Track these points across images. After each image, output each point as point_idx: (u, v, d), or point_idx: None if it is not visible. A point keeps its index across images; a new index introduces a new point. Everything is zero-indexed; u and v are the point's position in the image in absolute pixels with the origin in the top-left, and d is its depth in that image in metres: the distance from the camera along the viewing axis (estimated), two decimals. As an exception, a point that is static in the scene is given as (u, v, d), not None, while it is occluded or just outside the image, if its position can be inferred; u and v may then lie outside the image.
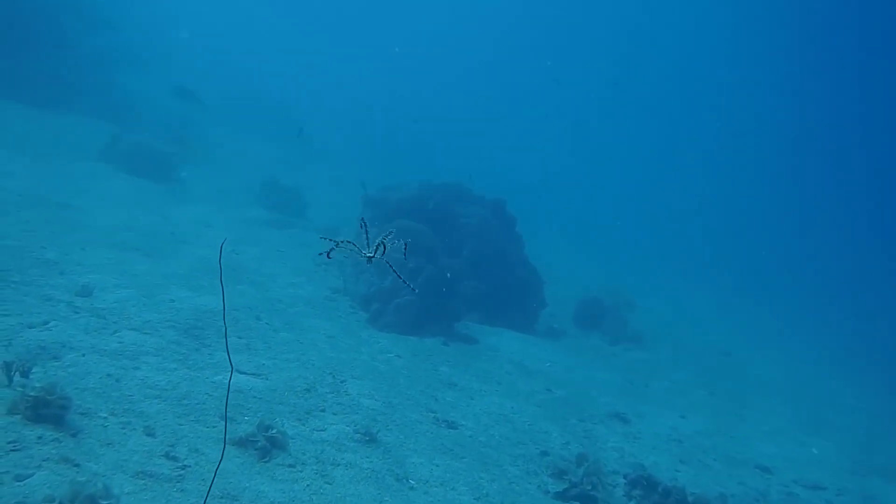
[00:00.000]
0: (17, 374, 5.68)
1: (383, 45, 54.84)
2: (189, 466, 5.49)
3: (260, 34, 42.99)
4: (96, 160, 15.85)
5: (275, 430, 6.31)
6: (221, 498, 5.31)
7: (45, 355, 6.38)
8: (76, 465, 4.94)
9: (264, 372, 7.88)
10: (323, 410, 7.45)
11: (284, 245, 14.57)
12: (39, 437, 5.06)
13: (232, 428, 6.35)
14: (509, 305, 14.40)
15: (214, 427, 6.21)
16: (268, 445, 6.18)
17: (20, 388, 5.40)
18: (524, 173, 35.87)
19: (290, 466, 6.13)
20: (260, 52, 38.02)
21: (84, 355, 6.62)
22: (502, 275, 14.46)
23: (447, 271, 12.40)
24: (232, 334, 8.64)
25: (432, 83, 54.07)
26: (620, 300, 18.06)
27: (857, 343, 25.05)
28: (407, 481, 6.68)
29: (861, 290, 34.96)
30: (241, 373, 7.67)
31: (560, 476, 7.79)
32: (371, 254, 3.19)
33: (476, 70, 61.76)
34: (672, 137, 57.12)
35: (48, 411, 5.24)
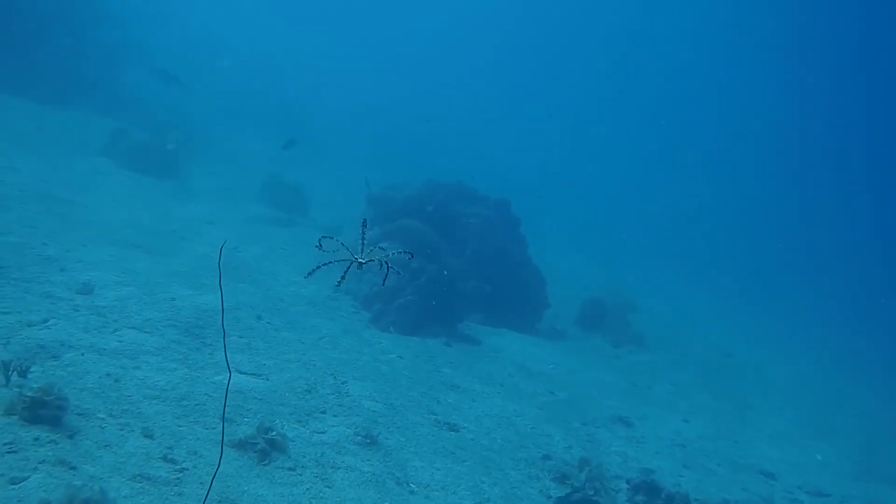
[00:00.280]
0: (15, 373, 5.61)
1: (384, 45, 54.86)
2: (187, 469, 5.43)
3: (264, 32, 42.89)
4: (99, 156, 15.78)
5: (274, 433, 6.24)
6: (220, 502, 5.24)
7: (44, 354, 6.32)
8: (73, 468, 4.87)
9: (265, 372, 7.81)
10: (324, 412, 7.39)
11: (287, 243, 14.50)
12: (36, 439, 5.00)
13: (232, 429, 6.28)
14: (512, 306, 14.32)
15: (214, 428, 6.14)
16: (267, 448, 6.11)
17: (17, 389, 5.33)
18: (525, 173, 35.76)
19: (290, 469, 6.07)
20: (264, 49, 37.90)
21: (83, 354, 6.56)
22: (505, 275, 14.38)
23: (450, 271, 12.32)
24: (233, 334, 8.57)
25: (435, 82, 53.98)
26: (622, 301, 17.96)
27: (861, 344, 24.90)
28: (407, 485, 6.61)
29: (864, 290, 34.82)
30: (241, 373, 7.61)
31: (562, 481, 7.72)
32: (363, 260, 3.19)
33: (479, 69, 61.66)
34: (673, 137, 56.94)
35: (45, 412, 5.17)
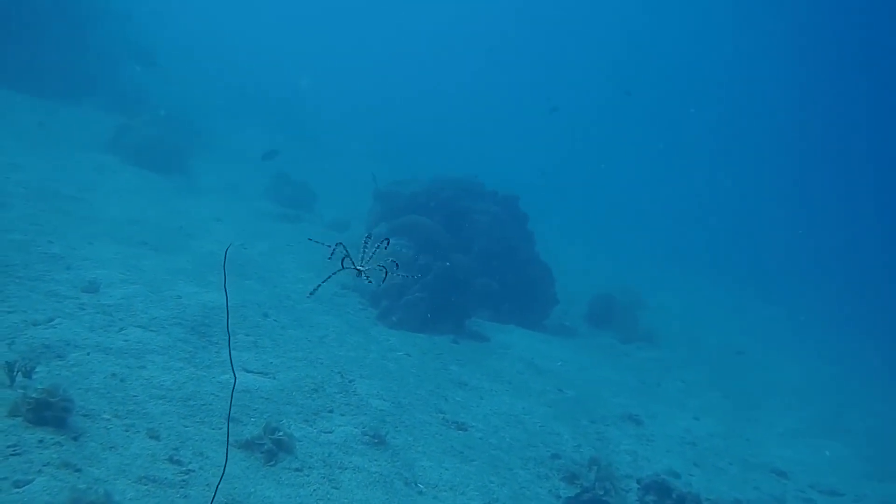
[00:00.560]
0: (20, 374, 5.55)
1: (389, 43, 54.64)
2: (193, 471, 5.36)
3: (268, 30, 42.85)
4: (104, 152, 15.75)
5: (281, 433, 6.17)
6: (226, 504, 5.18)
7: (50, 354, 6.27)
8: (77, 471, 4.81)
9: (272, 371, 7.74)
10: (331, 411, 7.31)
11: (294, 240, 14.43)
12: (40, 441, 4.94)
13: (238, 429, 6.21)
14: (520, 302, 14.22)
15: (220, 429, 6.07)
16: (274, 448, 6.04)
17: (22, 390, 5.27)
18: (532, 169, 35.57)
19: (297, 470, 6.00)
20: (269, 46, 37.86)
21: (89, 354, 6.50)
22: (513, 271, 14.28)
23: (458, 268, 12.23)
24: (239, 332, 8.50)
25: (439, 81, 53.76)
26: (631, 298, 17.85)
27: (874, 342, 24.64)
28: (416, 485, 6.53)
29: (878, 288, 34.48)
30: (248, 371, 7.54)
31: (572, 480, 7.63)
32: (362, 267, 3.33)
33: (483, 67, 61.41)
34: (681, 134, 56.56)
35: (50, 414, 5.11)
